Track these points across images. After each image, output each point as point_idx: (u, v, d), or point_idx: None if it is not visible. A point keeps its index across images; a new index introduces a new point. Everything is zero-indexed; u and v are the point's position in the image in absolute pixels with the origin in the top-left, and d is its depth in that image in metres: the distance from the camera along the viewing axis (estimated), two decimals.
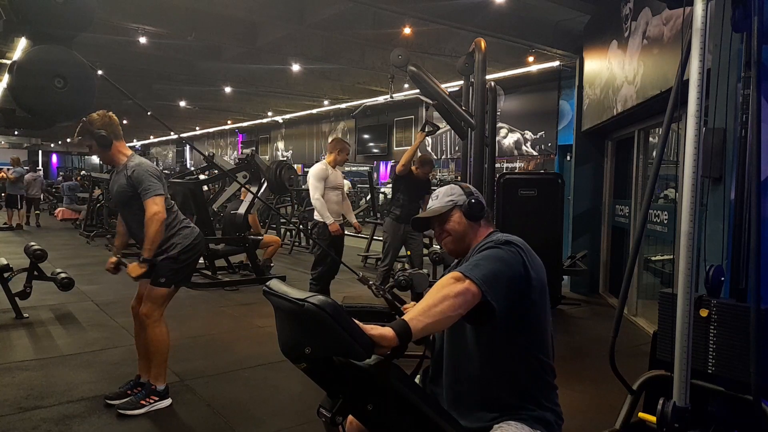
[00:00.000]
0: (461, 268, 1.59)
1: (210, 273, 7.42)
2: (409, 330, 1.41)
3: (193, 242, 3.40)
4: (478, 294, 1.53)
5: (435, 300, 1.50)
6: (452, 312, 1.50)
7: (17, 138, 31.96)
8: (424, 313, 1.47)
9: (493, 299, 1.54)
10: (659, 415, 1.84)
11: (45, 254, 5.54)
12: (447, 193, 1.90)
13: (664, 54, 4.46)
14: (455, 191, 1.90)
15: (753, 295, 1.92)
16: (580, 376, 4.12)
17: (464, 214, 1.85)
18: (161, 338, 3.34)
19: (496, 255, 1.64)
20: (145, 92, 14.45)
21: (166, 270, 3.29)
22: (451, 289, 1.52)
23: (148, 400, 3.31)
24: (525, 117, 12.14)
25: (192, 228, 3.46)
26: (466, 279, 1.54)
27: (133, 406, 3.28)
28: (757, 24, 2.05)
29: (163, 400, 3.37)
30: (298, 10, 7.82)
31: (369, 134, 17.27)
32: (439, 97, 4.78)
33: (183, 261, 3.34)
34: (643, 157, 5.92)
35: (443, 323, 1.53)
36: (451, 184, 1.96)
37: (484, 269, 1.57)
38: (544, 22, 7.77)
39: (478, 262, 1.61)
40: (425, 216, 1.91)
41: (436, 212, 1.87)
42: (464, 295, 1.51)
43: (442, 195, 1.91)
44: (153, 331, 3.31)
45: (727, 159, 2.62)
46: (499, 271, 1.59)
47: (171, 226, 3.34)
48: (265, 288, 1.47)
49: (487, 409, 1.70)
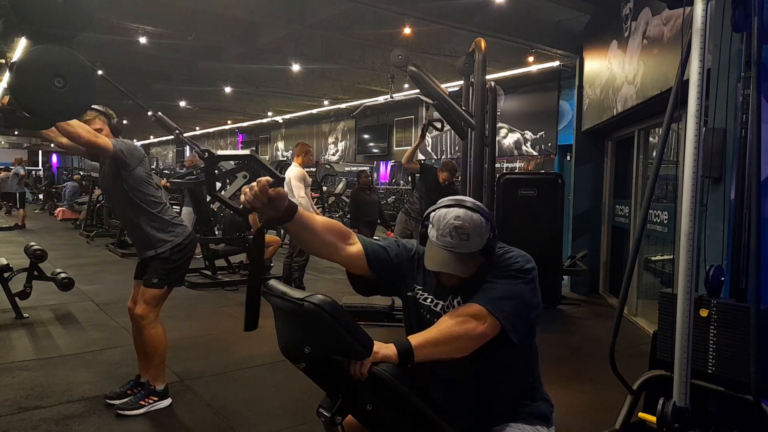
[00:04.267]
0: (485, 302, 1.54)
1: (210, 273, 7.42)
2: (411, 357, 1.45)
3: (184, 241, 3.35)
4: (498, 331, 1.53)
5: (449, 337, 1.49)
6: (462, 353, 1.52)
7: (17, 138, 31.94)
8: (432, 347, 1.48)
9: (515, 336, 1.55)
10: (659, 415, 1.84)
11: (45, 254, 5.54)
12: (478, 233, 1.59)
13: (664, 54, 4.45)
14: (483, 226, 1.60)
15: (753, 295, 1.91)
16: (580, 376, 4.12)
17: (483, 253, 1.62)
18: (158, 339, 3.31)
19: (519, 293, 1.59)
20: (145, 92, 14.45)
21: (159, 270, 3.26)
22: (471, 330, 1.51)
23: (147, 400, 3.30)
24: (525, 117, 12.14)
25: (183, 227, 3.42)
26: (490, 317, 1.52)
27: (132, 406, 3.27)
28: (757, 24, 2.05)
29: (162, 400, 3.36)
30: (298, 10, 7.82)
31: (369, 134, 17.28)
32: (439, 97, 4.77)
33: (175, 261, 3.31)
34: (643, 157, 5.92)
35: (448, 358, 1.54)
36: (476, 216, 1.60)
37: (509, 307, 1.55)
38: (544, 22, 7.77)
39: (503, 297, 1.56)
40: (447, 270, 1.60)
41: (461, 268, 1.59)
42: (482, 339, 1.52)
43: (472, 238, 1.58)
44: (149, 333, 3.28)
45: (727, 159, 2.62)
46: (522, 309, 1.59)
47: (160, 220, 3.29)
48: (265, 288, 1.47)
49: (486, 410, 1.70)
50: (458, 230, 1.58)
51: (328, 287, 7.09)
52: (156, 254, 3.28)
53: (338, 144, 19.13)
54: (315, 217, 1.66)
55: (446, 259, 1.59)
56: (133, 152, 3.22)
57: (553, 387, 1.79)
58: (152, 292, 3.27)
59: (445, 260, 1.59)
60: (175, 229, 3.35)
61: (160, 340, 3.33)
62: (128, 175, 3.20)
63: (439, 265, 1.60)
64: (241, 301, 6.10)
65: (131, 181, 3.22)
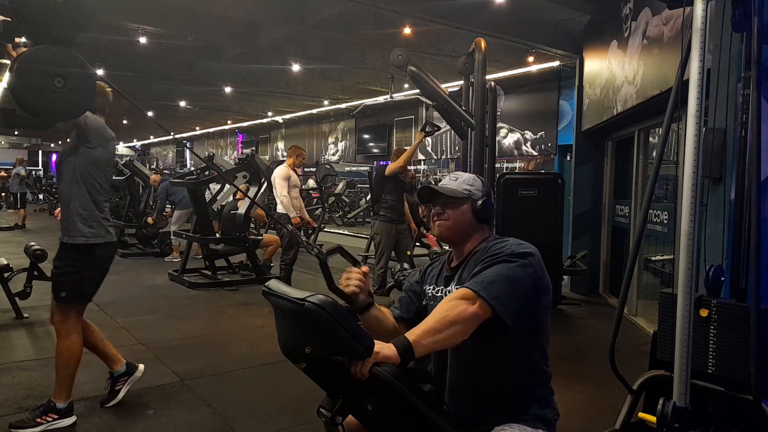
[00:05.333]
0: (473, 285, 1.56)
1: (210, 273, 7.42)
2: (412, 353, 1.46)
3: (98, 250, 3.10)
4: (489, 313, 1.54)
5: (443, 323, 1.50)
6: (460, 337, 1.53)
7: (17, 138, 31.97)
8: (430, 337, 1.49)
9: (507, 317, 1.55)
10: (659, 415, 1.84)
11: (45, 254, 5.53)
12: (467, 181, 1.82)
13: (664, 54, 4.45)
14: (476, 184, 1.82)
15: (753, 295, 1.91)
16: (580, 376, 4.12)
17: (472, 210, 1.78)
18: (70, 351, 3.06)
19: (511, 274, 1.60)
20: (144, 92, 14.46)
21: (67, 284, 3.05)
22: (462, 312, 1.51)
23: (45, 418, 3.01)
24: (525, 117, 12.15)
25: (110, 235, 3.17)
26: (479, 299, 1.53)
27: (27, 424, 2.98)
28: (757, 24, 2.04)
29: (63, 419, 3.04)
30: (298, 10, 7.83)
31: (369, 134, 17.29)
32: (439, 97, 4.78)
33: (78, 265, 3.08)
34: (643, 157, 5.92)
35: (449, 345, 1.57)
36: (474, 174, 1.88)
37: (497, 288, 1.56)
38: (544, 22, 7.78)
39: (492, 280, 1.58)
40: (436, 189, 1.80)
41: (449, 193, 1.79)
42: (475, 320, 1.53)
43: (461, 180, 1.82)
44: (62, 343, 3.06)
45: (727, 159, 2.62)
46: (514, 289, 1.59)
47: (92, 211, 3.09)
48: (265, 288, 1.47)
49: (488, 411, 1.70)
50: (451, 175, 1.90)
51: None
52: (65, 242, 3.09)
53: (338, 144, 19.13)
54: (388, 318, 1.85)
55: (434, 189, 1.81)
56: (100, 132, 3.07)
57: (553, 387, 1.79)
58: (63, 306, 3.08)
59: (433, 188, 1.81)
60: (99, 229, 3.12)
61: (72, 354, 3.07)
62: (85, 151, 3.04)
63: (428, 187, 1.83)
64: (241, 301, 6.11)
65: (85, 157, 3.05)
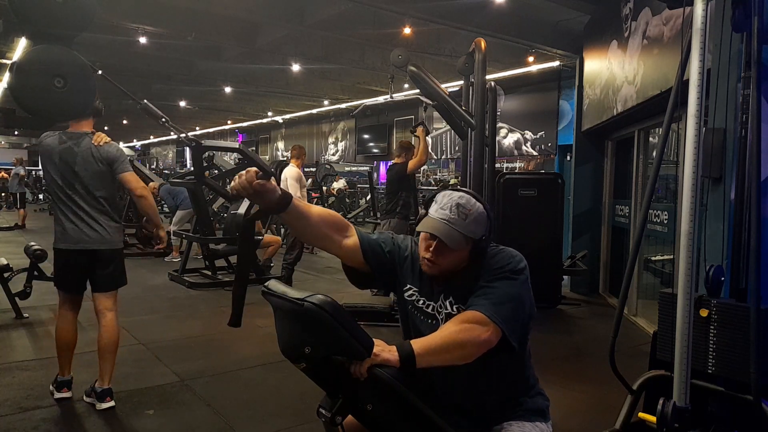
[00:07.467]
0: (485, 309, 1.53)
1: (210, 273, 7.42)
2: (413, 363, 1.43)
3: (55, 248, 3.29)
4: (500, 337, 1.52)
5: (453, 344, 1.48)
6: (465, 360, 1.51)
7: (17, 138, 31.94)
8: (436, 354, 1.46)
9: (515, 341, 1.55)
10: (659, 415, 1.84)
11: (45, 254, 5.53)
12: (477, 219, 1.60)
13: (664, 54, 4.45)
14: (482, 219, 1.61)
15: (753, 295, 1.91)
16: (580, 376, 4.12)
17: (471, 249, 1.62)
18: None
19: (516, 294, 1.59)
20: (145, 92, 14.43)
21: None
22: (476, 338, 1.49)
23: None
24: (525, 117, 12.14)
25: (59, 239, 3.28)
26: (491, 323, 1.51)
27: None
28: (757, 24, 2.04)
29: None
30: (298, 10, 7.83)
31: (369, 134, 17.28)
32: (439, 97, 4.78)
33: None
34: (643, 157, 5.92)
35: (451, 365, 1.53)
36: (479, 205, 1.63)
37: (508, 311, 1.55)
38: (544, 22, 7.78)
39: (500, 302, 1.55)
40: (437, 233, 1.58)
41: (455, 247, 1.58)
42: (486, 346, 1.51)
43: (471, 219, 1.59)
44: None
45: (727, 159, 2.62)
46: (520, 311, 1.58)
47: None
48: (264, 288, 1.47)
49: (485, 409, 1.70)
50: (459, 207, 1.60)
51: (328, 287, 7.10)
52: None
53: (338, 144, 19.13)
54: (312, 208, 1.67)
55: (439, 228, 1.58)
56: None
57: (553, 387, 1.79)
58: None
59: (437, 228, 1.58)
60: (55, 233, 3.27)
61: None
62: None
63: (431, 228, 1.59)
64: None
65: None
